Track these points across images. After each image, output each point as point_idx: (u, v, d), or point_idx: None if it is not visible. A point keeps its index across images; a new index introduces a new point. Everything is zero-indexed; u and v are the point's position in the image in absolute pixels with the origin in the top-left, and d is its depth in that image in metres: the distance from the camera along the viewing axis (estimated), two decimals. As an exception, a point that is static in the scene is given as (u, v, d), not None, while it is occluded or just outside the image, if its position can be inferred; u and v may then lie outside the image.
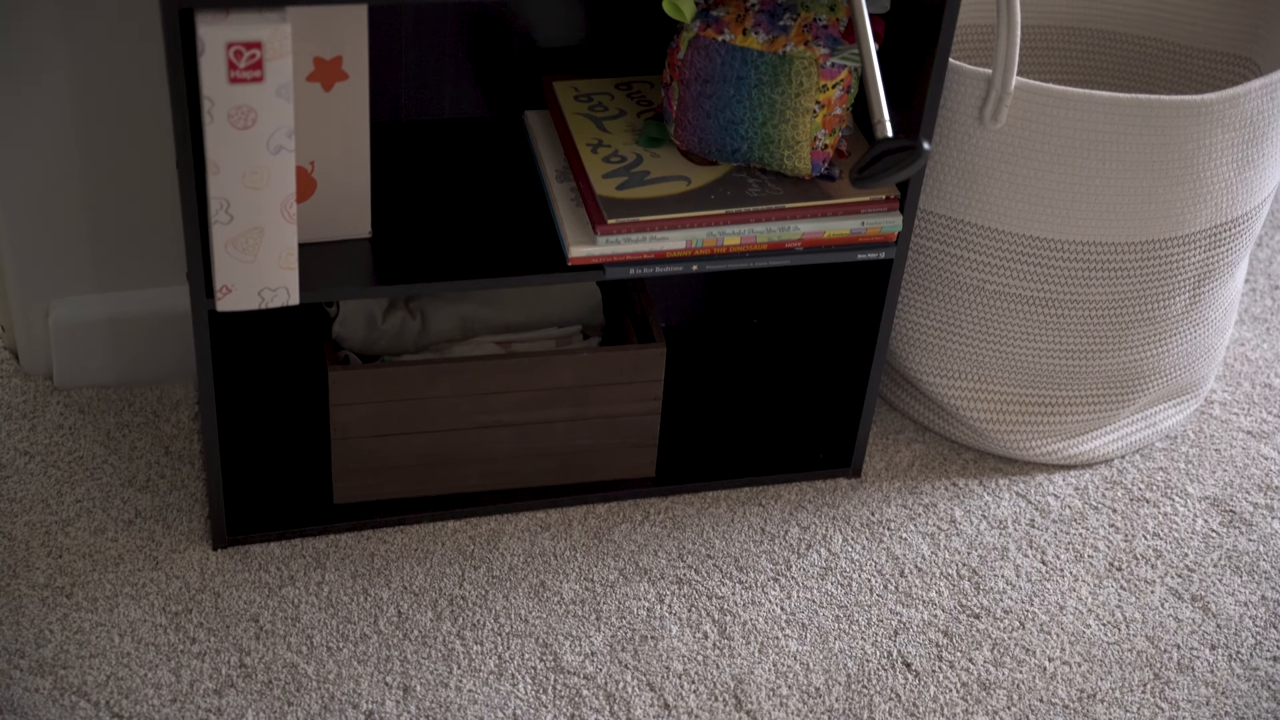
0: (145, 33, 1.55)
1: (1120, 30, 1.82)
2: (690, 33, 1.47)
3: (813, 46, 1.45)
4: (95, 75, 1.57)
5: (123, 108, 1.59)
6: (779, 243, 1.51)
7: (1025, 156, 1.55)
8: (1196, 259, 1.63)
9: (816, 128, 1.48)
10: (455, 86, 1.64)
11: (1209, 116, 1.53)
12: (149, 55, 1.57)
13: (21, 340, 1.72)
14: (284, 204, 1.34)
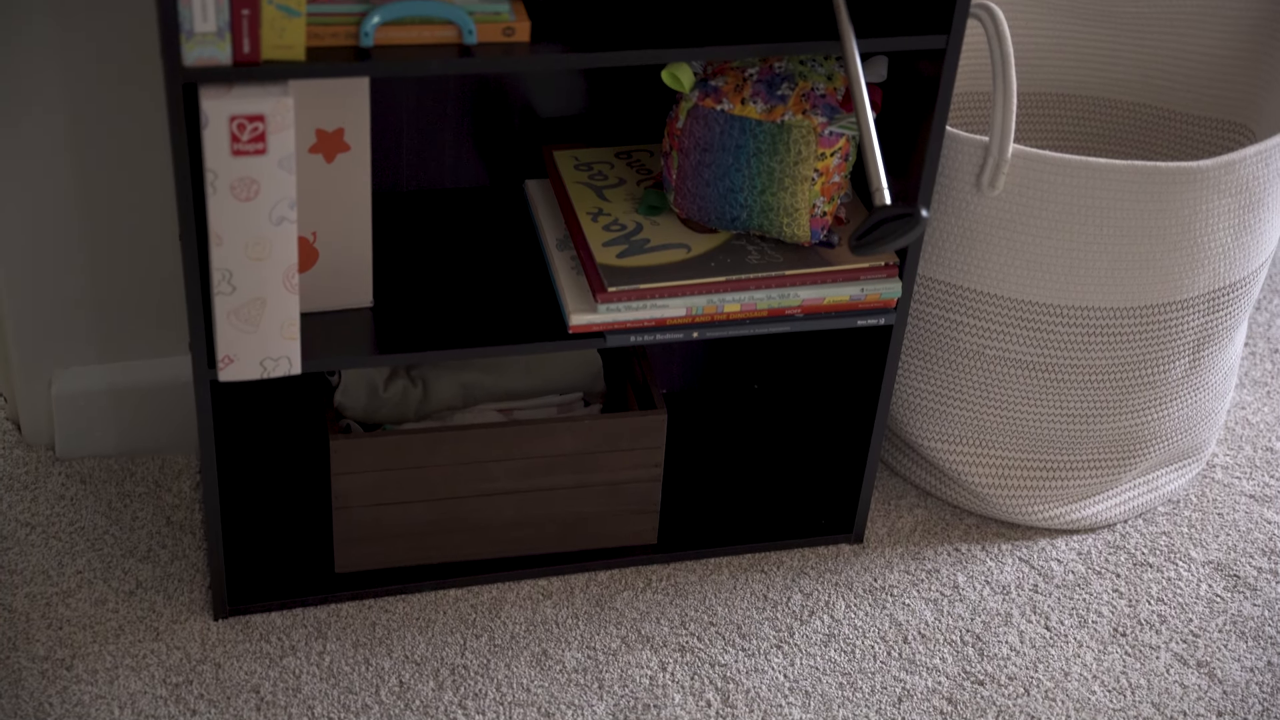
0: (147, 104, 1.57)
1: (1116, 97, 1.84)
2: (689, 102, 1.49)
3: (811, 115, 1.46)
4: (98, 146, 1.58)
5: (125, 178, 1.60)
6: (779, 309, 1.51)
7: (1023, 223, 1.56)
8: (1195, 323, 1.64)
9: (815, 195, 1.49)
10: (456, 156, 1.65)
11: (1205, 183, 1.54)
12: (151, 126, 1.58)
13: (24, 411, 1.72)
14: (286, 274, 1.34)
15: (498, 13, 1.32)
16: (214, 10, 1.21)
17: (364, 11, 1.29)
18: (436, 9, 1.30)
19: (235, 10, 1.22)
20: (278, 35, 1.24)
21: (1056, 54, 1.82)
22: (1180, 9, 1.76)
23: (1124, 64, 1.81)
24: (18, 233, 1.61)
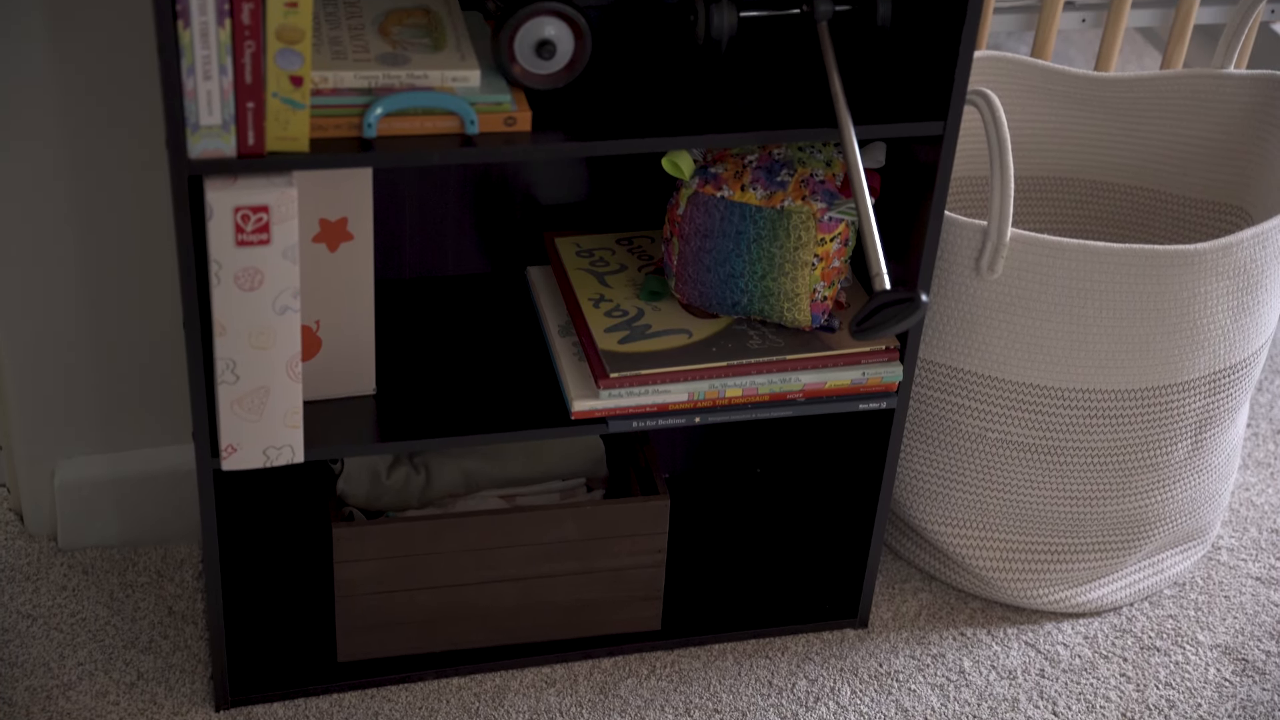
0: (151, 194, 1.58)
1: (1113, 181, 1.85)
2: (689, 189, 1.50)
3: (810, 201, 1.47)
4: (102, 236, 1.59)
5: (129, 268, 1.61)
6: (781, 394, 1.52)
7: (1023, 306, 1.57)
8: (1197, 405, 1.64)
9: (815, 280, 1.49)
10: (458, 243, 1.66)
11: (1203, 265, 1.55)
12: (155, 216, 1.59)
13: (27, 502, 1.72)
14: (289, 363, 1.35)
15: (499, 103, 1.34)
16: (219, 104, 1.22)
17: (367, 103, 1.30)
18: (439, 100, 1.31)
19: (240, 103, 1.23)
20: (282, 127, 1.26)
21: (1053, 138, 1.83)
22: (1173, 95, 1.78)
23: (1120, 148, 1.83)
24: (22, 322, 1.61)
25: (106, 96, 1.52)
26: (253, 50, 1.21)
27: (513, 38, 1.35)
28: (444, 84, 1.32)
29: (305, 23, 1.21)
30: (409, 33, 1.37)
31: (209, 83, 1.21)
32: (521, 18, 1.34)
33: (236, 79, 1.22)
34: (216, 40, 1.20)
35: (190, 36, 1.19)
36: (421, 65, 1.32)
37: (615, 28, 1.52)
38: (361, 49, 1.34)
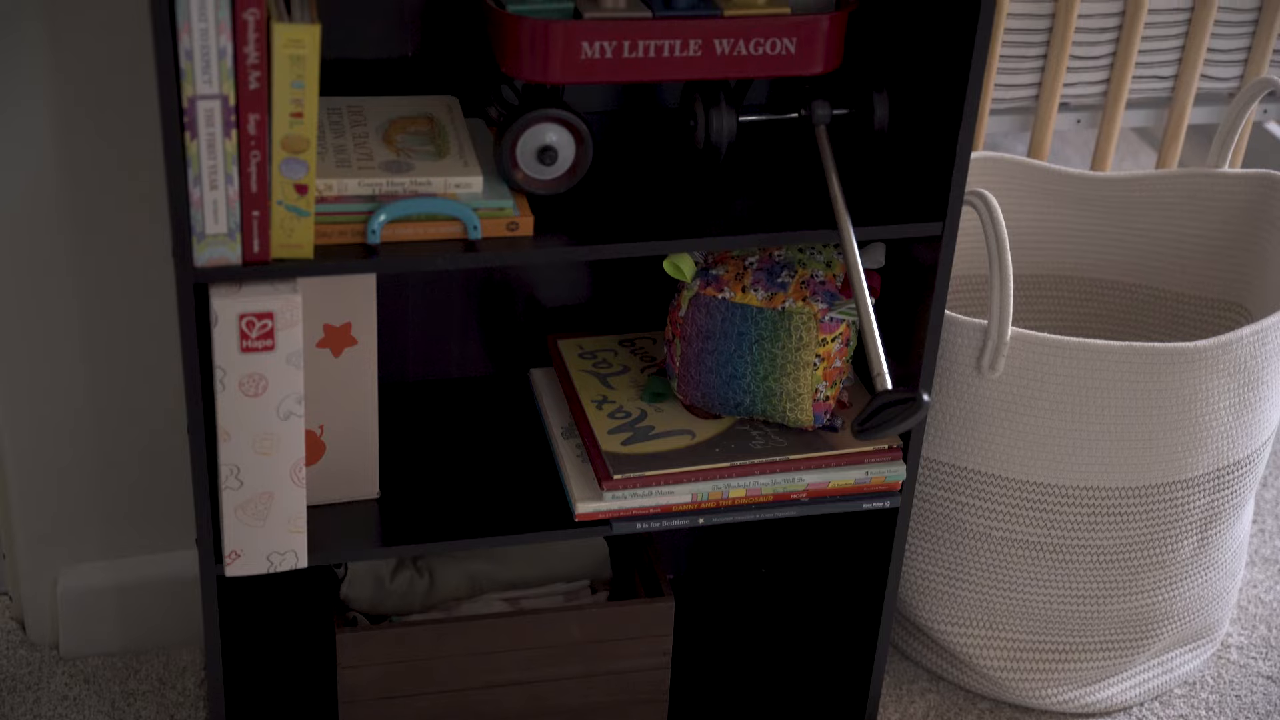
0: (154, 301, 1.59)
1: (1112, 278, 1.86)
2: (691, 291, 1.51)
3: (811, 302, 1.48)
4: (105, 343, 1.60)
5: (132, 375, 1.62)
6: (784, 494, 1.51)
7: (1025, 404, 1.57)
8: (1201, 502, 1.64)
9: (817, 380, 1.50)
10: (462, 346, 1.67)
11: (1203, 363, 1.56)
12: (158, 323, 1.60)
13: (29, 610, 1.71)
14: (293, 469, 1.35)
15: (502, 208, 1.35)
16: (225, 212, 1.24)
17: (371, 210, 1.32)
18: (442, 206, 1.32)
19: (246, 212, 1.24)
20: (286, 234, 1.27)
21: (1051, 237, 1.85)
22: (1169, 194, 1.80)
23: (1118, 246, 1.84)
24: (24, 428, 1.62)
25: (113, 202, 1.53)
26: (258, 160, 1.23)
27: (515, 144, 1.36)
28: (447, 190, 1.34)
29: (310, 132, 1.23)
30: (413, 140, 1.39)
31: (215, 192, 1.23)
32: (524, 124, 1.36)
33: (242, 188, 1.23)
34: (223, 150, 1.21)
35: (197, 147, 1.21)
36: (425, 172, 1.34)
37: (616, 133, 1.54)
38: (366, 156, 1.35)
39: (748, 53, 1.37)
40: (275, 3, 1.21)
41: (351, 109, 1.43)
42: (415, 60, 1.50)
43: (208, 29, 1.17)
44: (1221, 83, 2.09)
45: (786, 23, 1.36)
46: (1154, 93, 2.08)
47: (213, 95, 1.19)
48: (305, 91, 1.21)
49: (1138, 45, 2.00)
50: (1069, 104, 2.07)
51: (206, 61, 1.18)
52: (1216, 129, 1.91)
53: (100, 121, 1.49)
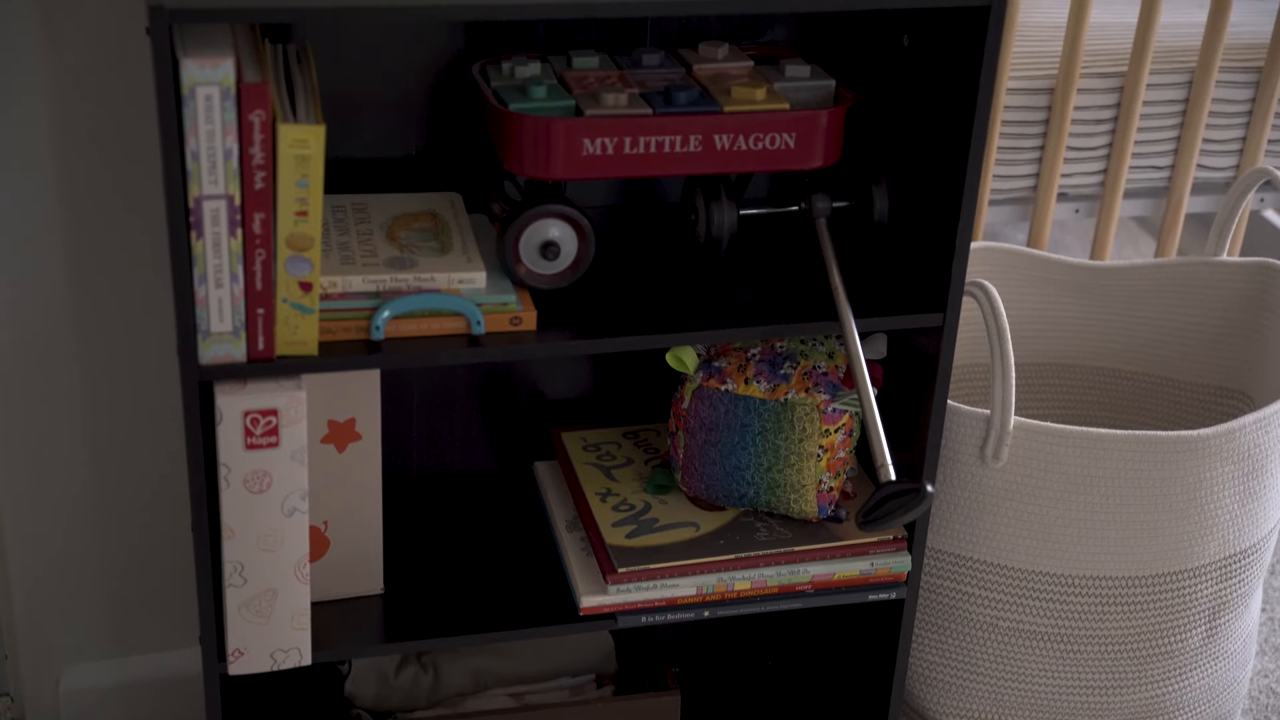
0: (157, 397, 1.59)
1: (1113, 366, 1.87)
2: (693, 383, 1.51)
3: (813, 393, 1.48)
4: (109, 439, 1.60)
5: (135, 472, 1.62)
6: (790, 586, 1.51)
7: (1029, 494, 1.57)
8: (1209, 591, 1.63)
9: (821, 471, 1.50)
10: (465, 439, 1.67)
11: (1206, 451, 1.56)
12: (160, 420, 1.61)
13: (30, 710, 1.70)
14: (298, 565, 1.35)
15: (505, 303, 1.36)
16: (230, 311, 1.25)
17: (375, 306, 1.33)
18: (445, 302, 1.33)
19: (251, 310, 1.25)
20: (291, 331, 1.28)
21: (1051, 325, 1.85)
22: (1169, 282, 1.80)
23: (1119, 334, 1.85)
24: (28, 527, 1.62)
25: (118, 299, 1.54)
26: (263, 258, 1.24)
27: (518, 239, 1.37)
28: (450, 286, 1.35)
29: (315, 230, 1.24)
30: (416, 236, 1.40)
31: (220, 290, 1.24)
32: (526, 220, 1.37)
33: (247, 286, 1.24)
34: (228, 249, 1.22)
35: (203, 246, 1.22)
36: (428, 268, 1.35)
37: (618, 227, 1.55)
38: (370, 253, 1.36)
39: (748, 148, 1.38)
40: (280, 103, 1.23)
41: (356, 206, 1.45)
42: (419, 158, 1.52)
43: (214, 130, 1.18)
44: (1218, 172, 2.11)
45: (785, 118, 1.38)
46: (1151, 182, 2.10)
47: (218, 195, 1.20)
48: (310, 190, 1.22)
49: (1134, 136, 2.02)
50: (1067, 194, 2.08)
51: (213, 162, 1.19)
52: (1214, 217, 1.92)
53: (106, 217, 1.51)
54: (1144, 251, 2.84)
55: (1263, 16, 2.21)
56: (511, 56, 1.44)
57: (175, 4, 1.15)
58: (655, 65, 1.46)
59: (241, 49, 1.23)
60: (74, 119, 1.45)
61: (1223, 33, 1.98)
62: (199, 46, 1.18)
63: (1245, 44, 2.11)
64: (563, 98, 1.37)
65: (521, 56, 1.44)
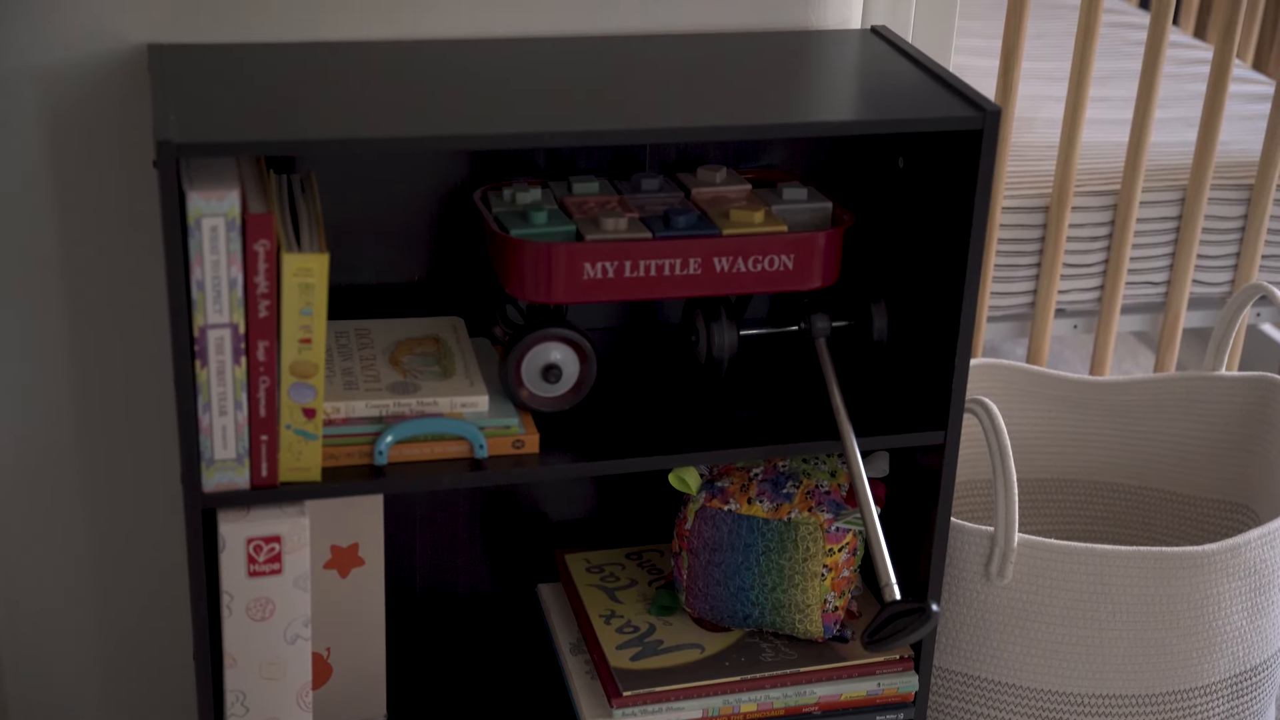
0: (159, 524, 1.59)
1: (1116, 480, 1.87)
2: (696, 504, 1.51)
3: (816, 512, 1.48)
4: (112, 566, 1.60)
5: (137, 601, 1.62)
6: (796, 708, 1.50)
7: (1035, 611, 1.56)
8: (1221, 709, 1.61)
9: (826, 591, 1.49)
10: (468, 562, 1.67)
11: (1213, 567, 1.55)
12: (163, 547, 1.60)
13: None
14: (300, 693, 1.34)
15: (507, 426, 1.36)
16: (234, 438, 1.25)
17: (378, 431, 1.33)
18: (448, 426, 1.34)
19: (254, 437, 1.26)
20: (295, 458, 1.28)
21: (1053, 441, 1.86)
22: (1169, 397, 1.81)
23: (1120, 449, 1.85)
24: (27, 649, 1.61)
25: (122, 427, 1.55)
26: (267, 385, 1.25)
27: (520, 363, 1.38)
28: (453, 410, 1.36)
29: (319, 357, 1.25)
30: (419, 361, 1.41)
31: (224, 418, 1.24)
32: (528, 343, 1.38)
33: (251, 413, 1.25)
34: (232, 378, 1.23)
35: (208, 375, 1.23)
36: (431, 392, 1.36)
37: (619, 348, 1.56)
38: (373, 378, 1.37)
39: (747, 269, 1.40)
40: (284, 232, 1.24)
41: (359, 331, 1.46)
42: (422, 283, 1.54)
43: (219, 260, 1.20)
44: (1214, 287, 2.13)
45: (784, 240, 1.40)
46: (1148, 298, 2.12)
47: (223, 324, 1.22)
48: (314, 318, 1.23)
49: (1129, 253, 2.04)
50: (1065, 310, 2.10)
51: (218, 292, 1.20)
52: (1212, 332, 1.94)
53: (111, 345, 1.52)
54: (1144, 365, 2.86)
55: (1252, 134, 2.24)
56: (513, 183, 1.46)
57: (182, 138, 1.17)
58: (654, 189, 1.48)
59: (246, 180, 1.25)
60: (80, 248, 1.47)
61: (1213, 151, 2.01)
62: (205, 179, 1.20)
63: (1235, 162, 2.14)
64: (563, 223, 1.39)
65: (523, 182, 1.46)
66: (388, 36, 1.45)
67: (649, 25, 1.51)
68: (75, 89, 1.41)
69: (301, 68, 1.37)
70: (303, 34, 1.43)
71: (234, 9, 1.41)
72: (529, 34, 1.49)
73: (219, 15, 1.41)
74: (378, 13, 1.44)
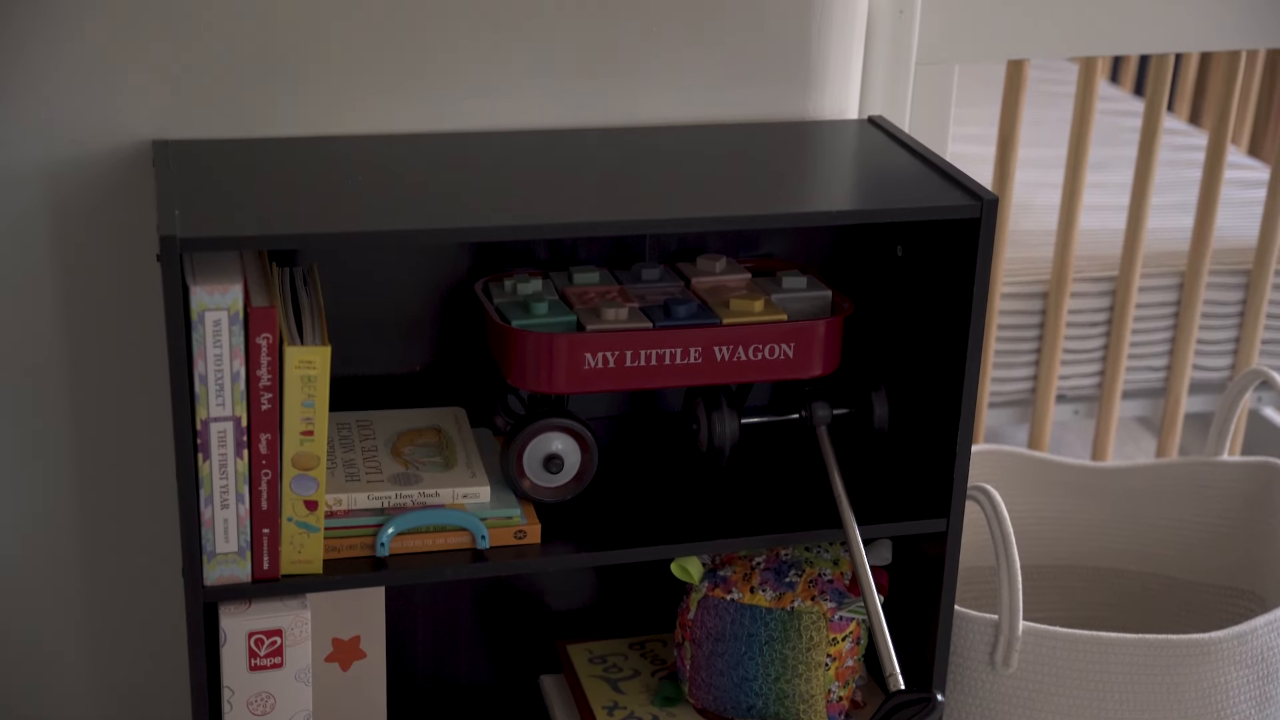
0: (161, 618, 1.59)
1: (1120, 567, 1.86)
2: (699, 593, 1.51)
3: (819, 601, 1.48)
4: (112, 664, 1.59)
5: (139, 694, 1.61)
6: (802, 801, 1.48)
7: (1041, 700, 1.55)
8: (1229, 798, 1.60)
9: (830, 680, 1.48)
10: (470, 653, 1.66)
11: (1219, 655, 1.54)
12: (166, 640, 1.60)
13: None
14: (300, 788, 1.33)
15: (509, 517, 1.36)
16: (236, 531, 1.25)
17: (380, 523, 1.33)
18: (449, 517, 1.34)
19: (256, 530, 1.26)
20: (296, 550, 1.28)
21: (1056, 527, 1.85)
22: (1171, 483, 1.81)
23: (1123, 535, 1.84)
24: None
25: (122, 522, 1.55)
26: (269, 478, 1.25)
27: (521, 453, 1.38)
28: (455, 501, 1.35)
29: (320, 449, 1.25)
30: (421, 452, 1.41)
31: (226, 511, 1.24)
32: (530, 434, 1.38)
33: (253, 506, 1.25)
34: (235, 471, 1.23)
35: (210, 468, 1.23)
36: (433, 483, 1.36)
37: (621, 437, 1.56)
38: (374, 470, 1.37)
39: (747, 358, 1.40)
40: (287, 324, 1.25)
41: (361, 423, 1.46)
42: (423, 374, 1.54)
43: (222, 354, 1.20)
44: (1214, 372, 2.14)
45: (784, 329, 1.40)
46: (1149, 383, 2.12)
47: (226, 417, 1.22)
48: (316, 410, 1.24)
49: (1129, 338, 2.05)
50: (1066, 395, 2.10)
51: (220, 385, 1.21)
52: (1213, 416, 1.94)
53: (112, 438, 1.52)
54: (1146, 450, 2.85)
55: (1248, 219, 2.25)
56: (514, 273, 1.47)
57: (186, 233, 1.18)
58: (655, 279, 1.48)
59: (250, 273, 1.26)
60: (84, 340, 1.48)
61: (1210, 236, 2.02)
62: (208, 272, 1.21)
63: (1232, 247, 2.16)
64: (564, 313, 1.39)
65: (523, 273, 1.47)
66: (388, 130, 1.47)
67: (648, 117, 1.53)
68: (81, 184, 1.42)
69: (303, 162, 1.39)
70: (304, 129, 1.45)
71: (237, 105, 1.43)
72: (528, 127, 1.50)
73: (222, 111, 1.42)
74: (379, 107, 1.46)
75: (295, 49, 1.42)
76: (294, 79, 1.43)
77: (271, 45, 1.42)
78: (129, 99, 1.40)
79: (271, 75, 1.42)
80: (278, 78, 1.42)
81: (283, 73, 1.42)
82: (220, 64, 1.41)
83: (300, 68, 1.43)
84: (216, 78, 1.41)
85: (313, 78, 1.43)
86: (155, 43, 1.39)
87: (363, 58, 1.44)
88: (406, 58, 1.45)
